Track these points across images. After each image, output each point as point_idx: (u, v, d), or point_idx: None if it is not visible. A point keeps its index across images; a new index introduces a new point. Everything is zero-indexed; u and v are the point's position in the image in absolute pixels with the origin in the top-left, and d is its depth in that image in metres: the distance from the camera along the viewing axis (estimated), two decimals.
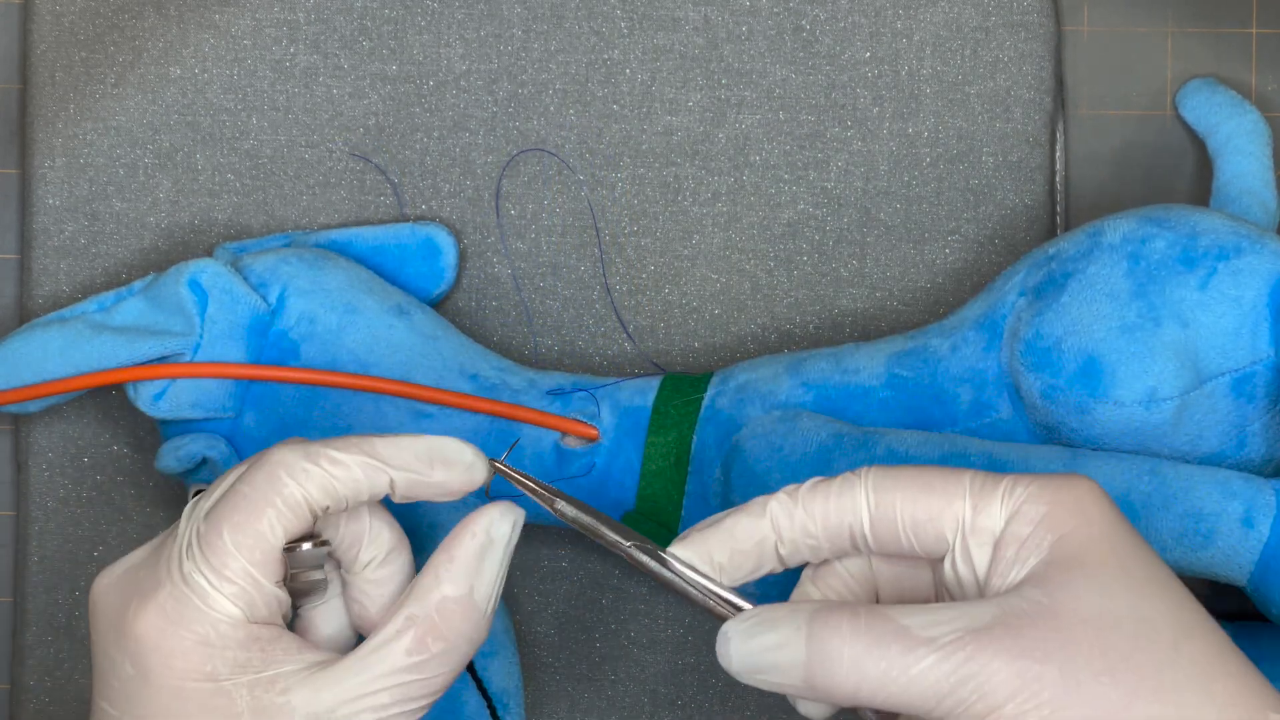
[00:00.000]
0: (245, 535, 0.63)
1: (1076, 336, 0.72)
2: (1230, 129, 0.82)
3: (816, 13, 0.84)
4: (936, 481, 0.61)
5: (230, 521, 0.63)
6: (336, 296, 0.79)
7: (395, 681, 0.64)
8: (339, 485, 0.64)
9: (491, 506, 0.66)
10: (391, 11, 0.84)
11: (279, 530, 0.64)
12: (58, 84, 0.84)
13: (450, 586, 0.65)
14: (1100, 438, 0.72)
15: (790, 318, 0.85)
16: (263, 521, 0.63)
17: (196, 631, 0.63)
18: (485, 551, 0.65)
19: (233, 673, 0.63)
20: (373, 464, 0.65)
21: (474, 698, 0.78)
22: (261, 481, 0.64)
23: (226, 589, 0.63)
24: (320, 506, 0.64)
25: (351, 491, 0.65)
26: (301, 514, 0.64)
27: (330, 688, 0.63)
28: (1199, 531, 0.70)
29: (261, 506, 0.63)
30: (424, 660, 0.64)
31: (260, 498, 0.64)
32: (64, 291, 0.84)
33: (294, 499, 0.64)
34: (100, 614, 0.65)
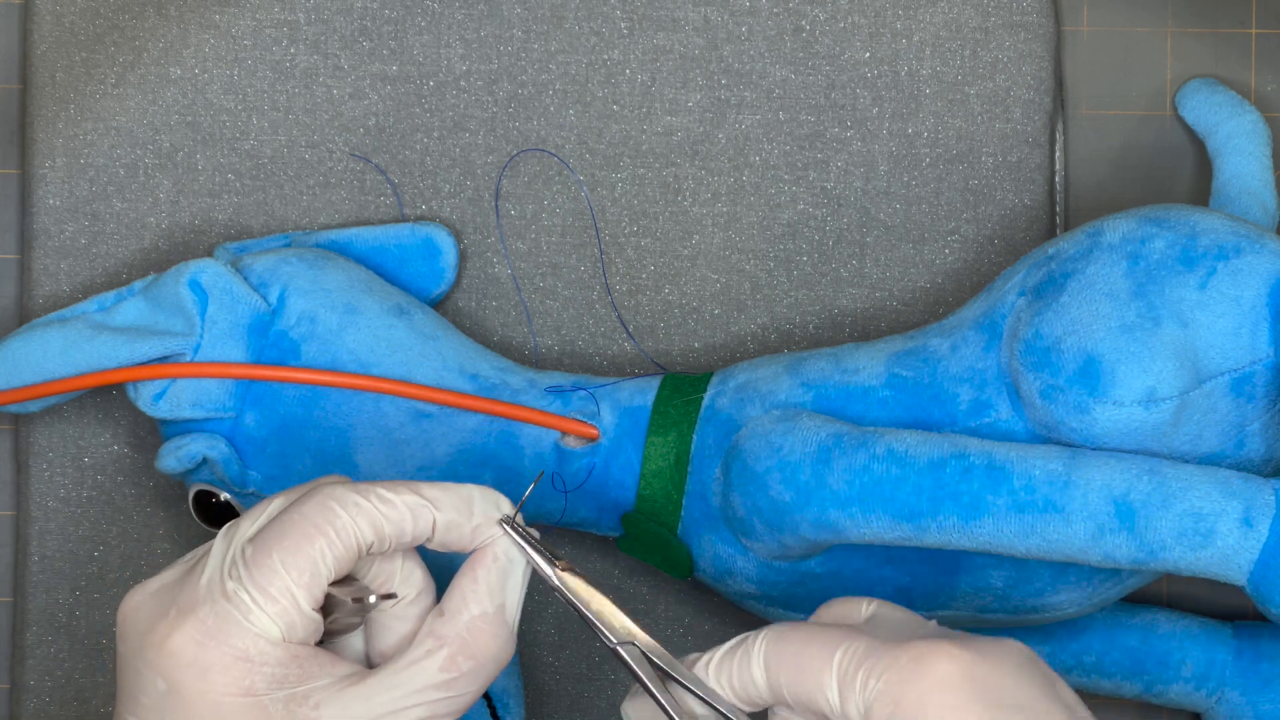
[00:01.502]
0: (296, 558, 0.64)
1: (1076, 336, 0.72)
2: (1230, 129, 0.82)
3: (816, 13, 0.84)
4: (810, 663, 0.64)
5: (281, 545, 0.64)
6: (337, 296, 0.79)
7: (425, 699, 0.65)
8: (387, 524, 0.65)
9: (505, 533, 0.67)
10: (391, 12, 0.84)
11: (329, 558, 0.64)
12: (58, 84, 0.84)
13: (478, 606, 0.66)
14: (1099, 437, 0.72)
15: (790, 318, 0.85)
16: (314, 547, 0.64)
17: (237, 647, 0.63)
18: (507, 573, 0.67)
19: (269, 688, 0.64)
20: (421, 504, 0.66)
21: None
22: (314, 510, 0.65)
23: (270, 608, 0.64)
24: (367, 543, 0.65)
25: (397, 531, 0.65)
26: (350, 547, 0.65)
27: (362, 702, 0.64)
28: (1198, 531, 0.70)
29: (314, 534, 0.64)
30: (454, 678, 0.65)
31: (312, 525, 0.64)
32: (64, 291, 0.84)
33: (345, 530, 0.64)
34: (129, 631, 0.66)
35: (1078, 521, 0.70)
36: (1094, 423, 0.72)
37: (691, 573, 0.79)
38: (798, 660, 0.64)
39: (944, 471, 0.72)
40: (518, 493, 0.79)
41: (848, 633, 0.64)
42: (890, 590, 0.77)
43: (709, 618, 0.85)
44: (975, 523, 0.71)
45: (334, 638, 0.68)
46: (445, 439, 0.78)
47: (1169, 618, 0.82)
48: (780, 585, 0.77)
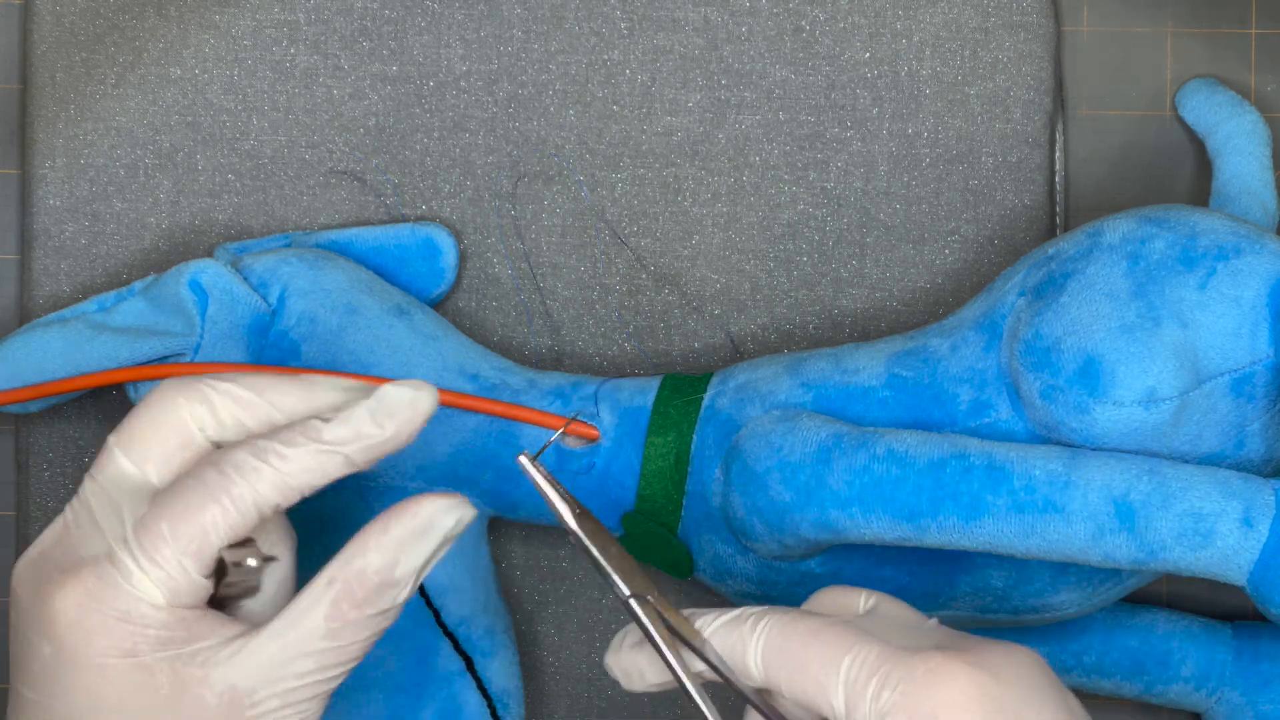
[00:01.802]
0: (186, 526, 0.62)
1: (1076, 336, 0.72)
2: (1230, 129, 0.82)
3: (816, 13, 0.84)
4: (815, 665, 0.62)
5: (171, 511, 0.63)
6: (337, 297, 0.79)
7: (313, 648, 0.63)
8: (291, 480, 0.64)
9: (441, 496, 0.65)
10: (391, 12, 0.84)
11: (221, 528, 0.63)
12: (58, 84, 0.84)
13: (376, 556, 0.64)
14: (1099, 438, 0.72)
15: (790, 318, 0.85)
16: (206, 516, 0.63)
17: (118, 609, 0.62)
18: (420, 534, 0.64)
19: (154, 649, 0.63)
20: (324, 450, 0.64)
21: (474, 698, 0.78)
22: (210, 477, 0.63)
23: (154, 573, 0.62)
24: (270, 505, 0.63)
25: (305, 483, 0.64)
26: (247, 514, 0.63)
27: (251, 657, 0.63)
28: (1198, 531, 0.70)
29: (207, 502, 0.63)
30: (339, 627, 0.64)
31: (206, 493, 0.63)
32: (64, 292, 0.84)
33: (243, 499, 0.63)
34: (17, 599, 0.65)
35: (1078, 522, 0.70)
36: (1094, 423, 0.72)
37: (691, 573, 0.79)
38: (801, 659, 0.63)
39: (944, 472, 0.72)
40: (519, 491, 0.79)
41: (856, 634, 0.63)
42: (890, 590, 0.77)
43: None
44: (975, 523, 0.71)
45: (234, 600, 0.66)
46: (445, 439, 0.78)
47: (1169, 618, 0.82)
48: (780, 585, 0.77)
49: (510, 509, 0.80)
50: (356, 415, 0.64)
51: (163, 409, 0.65)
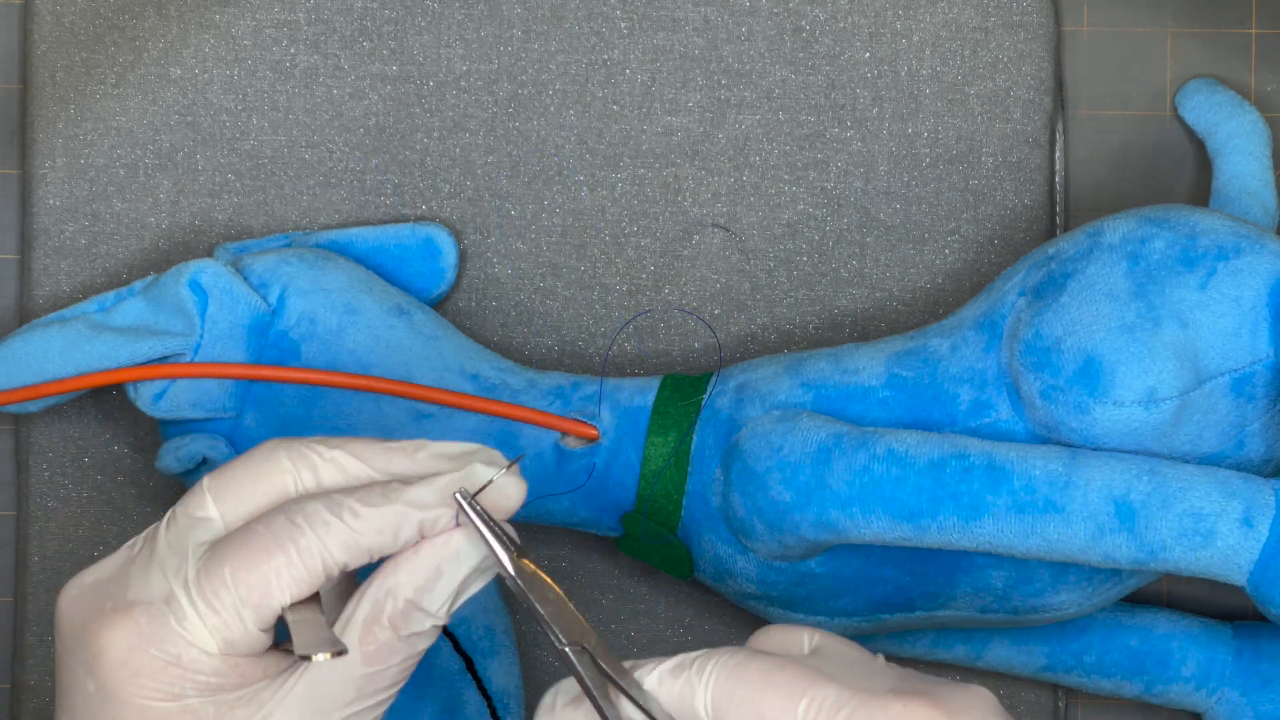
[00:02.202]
0: (249, 574, 0.61)
1: (1076, 336, 0.72)
2: (1230, 129, 0.82)
3: (816, 13, 0.84)
4: (769, 710, 0.59)
5: (236, 556, 0.61)
6: (337, 297, 0.79)
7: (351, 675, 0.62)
8: (362, 539, 0.61)
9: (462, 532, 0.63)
10: (391, 12, 0.84)
11: (285, 580, 0.61)
12: (58, 84, 0.84)
13: (406, 578, 0.62)
14: (1099, 437, 0.72)
15: (790, 318, 0.85)
16: (270, 566, 0.61)
17: (169, 653, 0.61)
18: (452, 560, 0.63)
19: (201, 694, 0.61)
20: (403, 513, 0.62)
21: (474, 698, 0.78)
22: (279, 525, 0.61)
23: (210, 620, 0.61)
24: (339, 564, 0.61)
25: (376, 545, 0.62)
26: (315, 569, 0.61)
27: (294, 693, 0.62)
28: (1198, 531, 0.70)
29: (272, 551, 0.61)
30: (374, 651, 0.62)
31: (274, 541, 0.61)
32: (64, 292, 0.84)
33: (309, 552, 0.61)
34: (65, 627, 0.63)
35: (1078, 522, 0.70)
36: (1094, 423, 0.72)
37: (691, 573, 0.79)
38: (755, 704, 0.60)
39: (944, 472, 0.72)
40: None
41: (810, 675, 0.60)
42: (890, 590, 0.77)
43: (709, 618, 0.85)
44: (975, 523, 0.71)
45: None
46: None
47: (1169, 618, 0.82)
48: (780, 585, 0.77)
49: None
50: (442, 483, 0.62)
51: (265, 465, 0.63)
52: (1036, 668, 0.82)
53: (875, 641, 0.81)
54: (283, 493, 0.63)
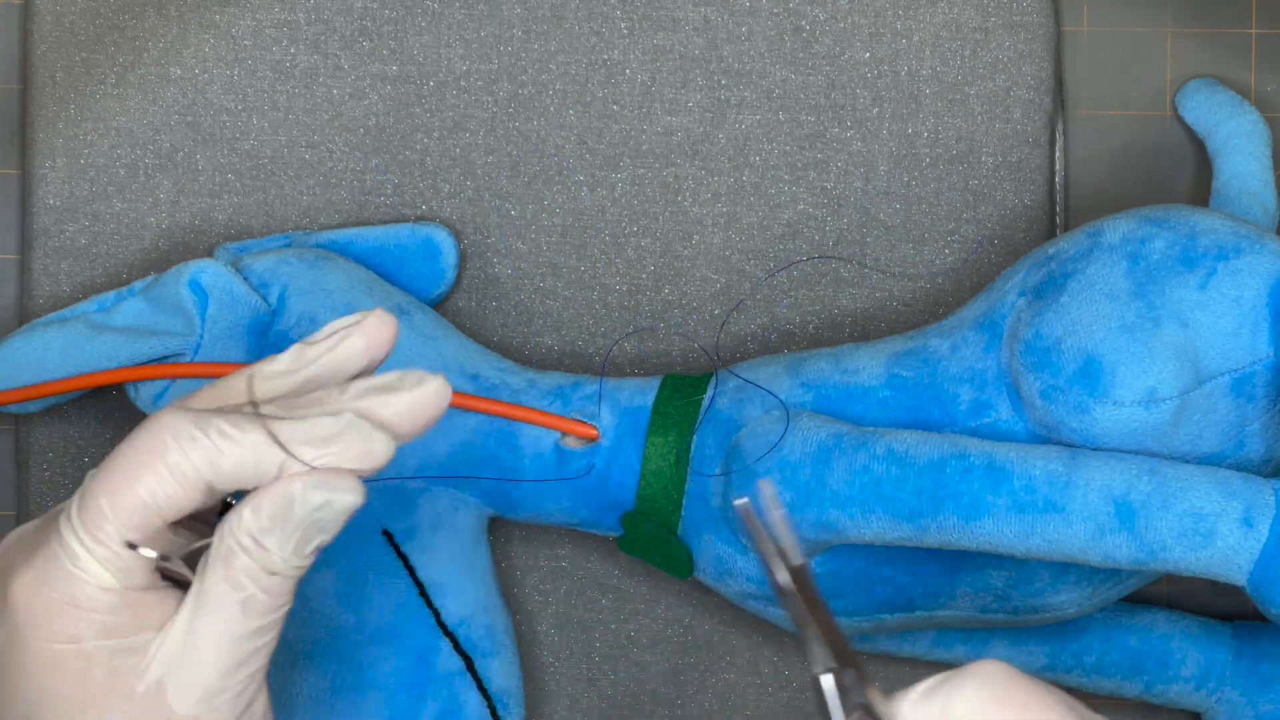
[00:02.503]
0: (124, 499, 0.60)
1: (1076, 336, 0.72)
2: (1230, 129, 0.82)
3: (816, 13, 0.84)
4: None
5: (109, 485, 0.60)
6: (337, 297, 0.79)
7: (230, 631, 0.61)
8: (226, 462, 0.60)
9: (322, 477, 0.60)
10: (392, 12, 0.84)
11: (159, 497, 0.60)
12: (58, 84, 0.84)
13: (251, 519, 0.60)
14: (1099, 438, 0.72)
15: (790, 318, 0.85)
16: (141, 487, 0.60)
17: (64, 593, 0.60)
18: (287, 508, 0.60)
19: (97, 636, 0.60)
20: (267, 444, 0.60)
21: (474, 698, 0.78)
22: (144, 444, 0.60)
23: (99, 553, 0.60)
24: (206, 481, 0.60)
25: (238, 471, 0.60)
26: (187, 485, 0.60)
27: (174, 637, 0.61)
28: (1198, 531, 0.70)
29: (140, 472, 0.60)
30: (236, 579, 0.60)
31: (141, 462, 0.60)
32: (64, 292, 0.84)
33: (178, 467, 0.60)
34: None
35: (1078, 522, 0.70)
36: (1094, 423, 0.72)
37: (691, 573, 0.79)
38: None
39: (944, 471, 0.72)
40: (519, 491, 0.79)
41: (1070, 710, 0.57)
42: (890, 590, 0.77)
43: (709, 618, 0.85)
44: (975, 523, 0.71)
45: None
46: (445, 439, 0.78)
47: (1169, 618, 0.82)
48: None
49: (510, 509, 0.80)
50: (318, 426, 0.60)
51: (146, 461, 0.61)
52: (1036, 668, 0.82)
53: (875, 641, 0.81)
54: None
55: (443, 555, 0.79)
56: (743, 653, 0.85)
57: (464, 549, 0.79)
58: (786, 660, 0.84)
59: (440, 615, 0.78)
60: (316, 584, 0.78)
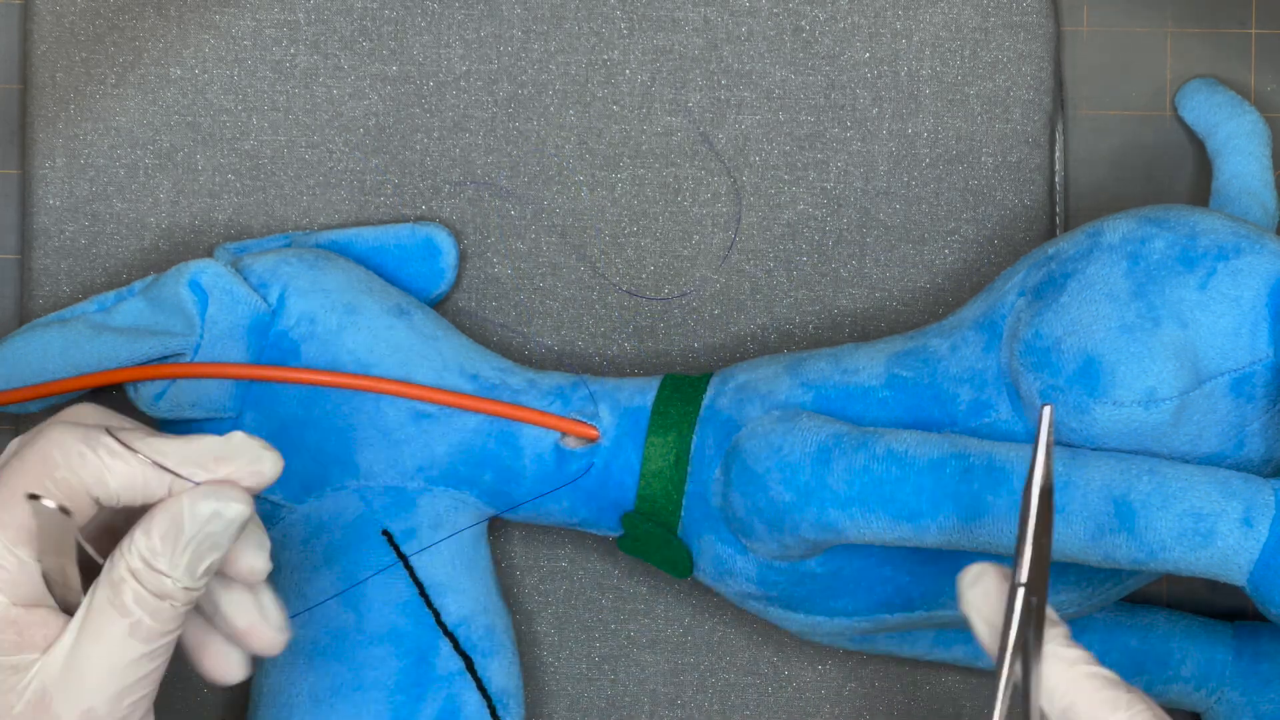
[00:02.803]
0: (10, 512, 0.60)
1: (1076, 336, 0.72)
2: (1230, 129, 0.82)
3: (816, 13, 0.84)
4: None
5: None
6: (336, 297, 0.79)
7: (117, 657, 0.61)
8: (109, 479, 0.61)
9: (207, 489, 0.62)
10: (392, 12, 0.84)
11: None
12: (58, 84, 0.84)
13: (143, 542, 0.61)
14: (1099, 438, 0.72)
15: (790, 318, 0.85)
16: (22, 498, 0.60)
17: None
18: (177, 524, 0.62)
19: None
20: (151, 470, 0.61)
21: (474, 698, 0.78)
22: (33, 459, 0.61)
23: None
24: (93, 497, 0.61)
25: (123, 489, 0.61)
26: (76, 501, 0.61)
27: (58, 654, 0.61)
28: (1198, 531, 0.70)
29: (29, 484, 0.60)
30: (135, 622, 0.61)
31: (29, 475, 0.60)
32: (64, 292, 0.84)
33: (66, 483, 0.61)
34: None
35: (1077, 522, 0.70)
36: (1094, 423, 0.72)
37: (691, 573, 0.79)
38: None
39: (944, 472, 0.72)
40: (519, 491, 0.79)
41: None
42: (890, 590, 0.77)
43: (709, 618, 0.85)
44: (975, 523, 0.71)
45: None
46: (445, 439, 0.78)
47: (1169, 618, 0.82)
48: (780, 585, 0.77)
49: (510, 509, 0.80)
50: (207, 446, 0.62)
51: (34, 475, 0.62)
52: None
53: (875, 641, 0.81)
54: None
55: (443, 555, 0.79)
56: (743, 653, 0.85)
57: (464, 549, 0.79)
58: (786, 660, 0.84)
59: (440, 615, 0.78)
60: (317, 584, 0.78)
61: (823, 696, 0.84)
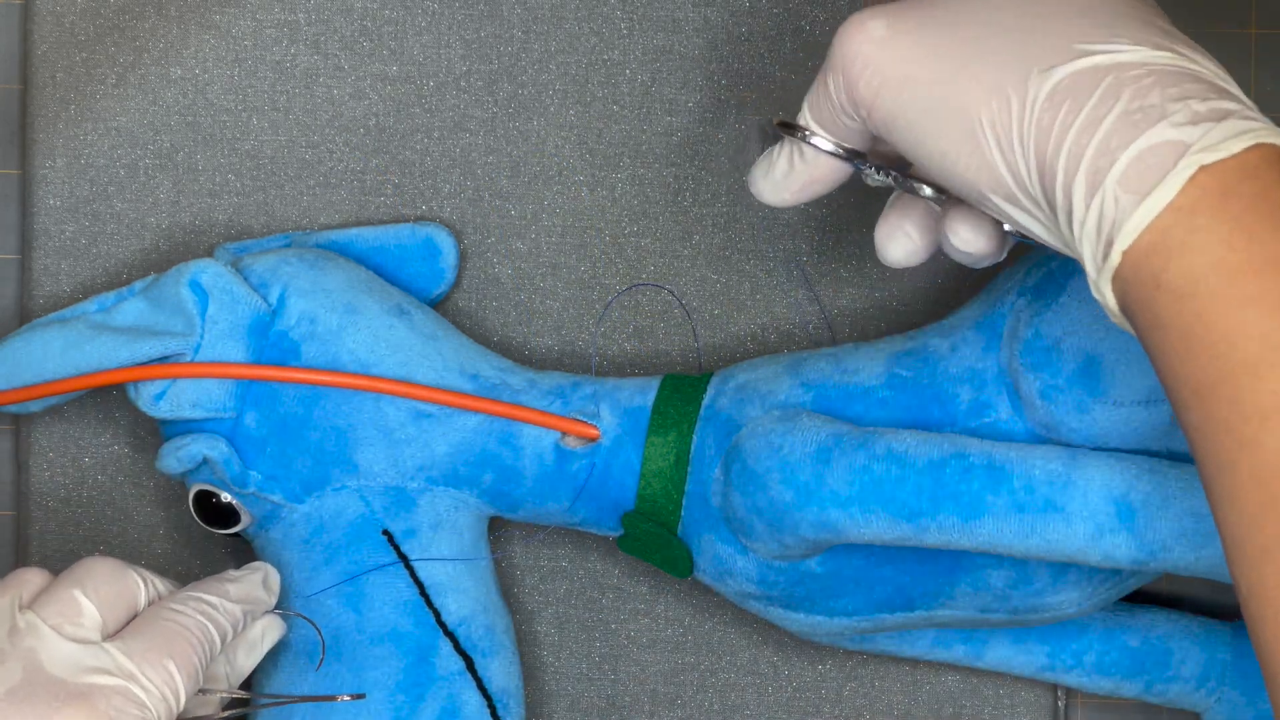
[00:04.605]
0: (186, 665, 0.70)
1: (1076, 336, 0.72)
2: None
3: (816, 13, 0.84)
4: None
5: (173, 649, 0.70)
6: (337, 297, 0.79)
7: None
8: (226, 623, 0.73)
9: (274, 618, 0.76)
10: (392, 12, 0.84)
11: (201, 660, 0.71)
12: (58, 84, 0.84)
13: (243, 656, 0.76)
14: (1099, 437, 0.72)
15: (790, 318, 0.85)
16: (193, 651, 0.71)
17: None
18: (252, 648, 0.76)
19: None
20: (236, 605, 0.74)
21: (474, 698, 0.78)
22: (192, 616, 0.71)
23: (161, 708, 0.69)
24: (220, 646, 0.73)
25: (230, 629, 0.73)
26: (214, 649, 0.72)
27: None
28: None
29: (190, 639, 0.71)
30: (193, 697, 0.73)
31: (192, 634, 0.71)
32: (64, 292, 0.84)
33: (211, 637, 0.72)
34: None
35: (1078, 521, 0.70)
36: (1094, 423, 0.72)
37: (691, 573, 0.79)
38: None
39: (944, 471, 0.72)
40: (519, 491, 0.79)
41: None
42: (890, 590, 0.77)
43: (709, 618, 0.85)
44: (975, 522, 0.71)
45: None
46: (445, 439, 0.78)
47: (1169, 618, 0.82)
48: (780, 585, 0.77)
49: (510, 509, 0.80)
50: (249, 579, 0.75)
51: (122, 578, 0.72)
52: (1036, 668, 0.82)
53: (875, 641, 0.81)
54: (135, 599, 0.72)
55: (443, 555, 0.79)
56: (743, 653, 0.85)
57: (464, 549, 0.79)
58: (786, 660, 0.84)
59: (440, 615, 0.78)
60: (317, 584, 0.78)
61: (823, 696, 0.84)
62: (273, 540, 0.79)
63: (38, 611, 0.69)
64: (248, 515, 0.79)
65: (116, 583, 0.71)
